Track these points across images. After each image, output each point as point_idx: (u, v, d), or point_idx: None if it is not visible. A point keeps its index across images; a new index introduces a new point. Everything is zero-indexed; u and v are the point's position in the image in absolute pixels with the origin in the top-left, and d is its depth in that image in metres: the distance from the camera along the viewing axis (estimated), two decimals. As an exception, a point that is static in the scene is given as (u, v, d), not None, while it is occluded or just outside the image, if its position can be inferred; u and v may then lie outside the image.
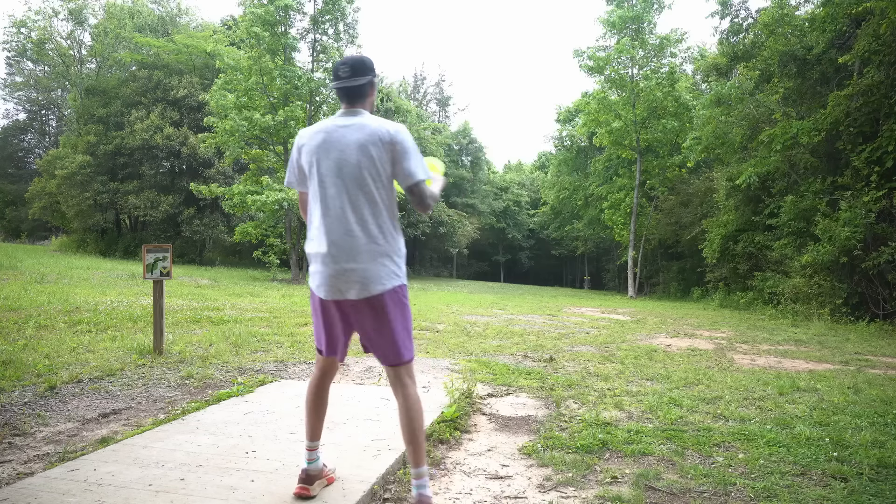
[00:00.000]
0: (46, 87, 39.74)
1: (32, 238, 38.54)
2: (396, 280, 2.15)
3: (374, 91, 2.27)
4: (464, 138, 43.47)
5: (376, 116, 2.21)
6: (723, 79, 19.57)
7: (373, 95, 2.27)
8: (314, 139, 2.20)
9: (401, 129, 2.16)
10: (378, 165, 2.12)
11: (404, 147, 2.12)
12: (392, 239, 2.17)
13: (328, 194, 2.13)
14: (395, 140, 2.11)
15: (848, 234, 11.87)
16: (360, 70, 2.20)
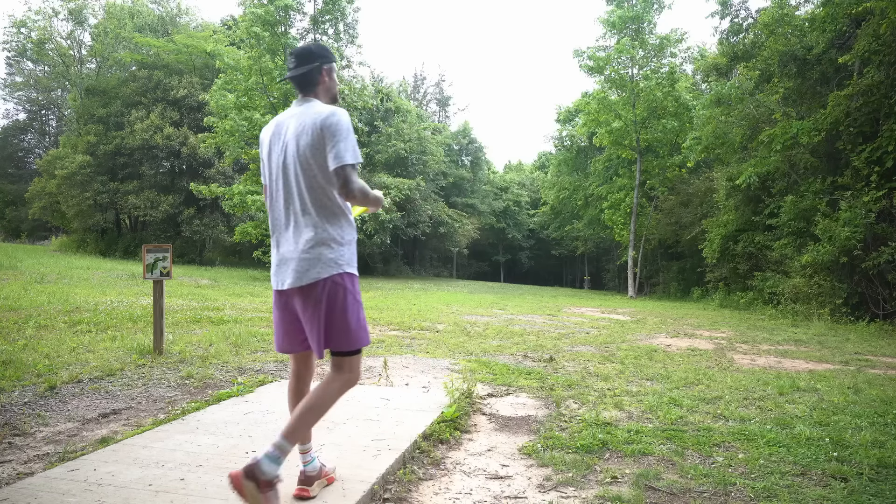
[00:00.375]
0: (46, 87, 39.74)
1: (32, 238, 38.55)
2: (334, 268, 2.10)
3: (326, 77, 2.24)
4: (464, 138, 43.46)
5: (324, 103, 2.19)
6: (723, 79, 19.57)
7: (326, 82, 2.24)
8: (268, 131, 2.25)
9: (334, 112, 2.10)
10: (309, 152, 2.08)
11: (332, 131, 2.06)
12: (330, 226, 2.12)
13: (274, 185, 2.18)
14: (325, 124, 2.07)
15: (848, 234, 11.87)
16: (305, 58, 2.20)
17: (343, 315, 2.11)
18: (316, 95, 2.22)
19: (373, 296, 15.30)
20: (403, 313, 10.27)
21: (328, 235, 2.11)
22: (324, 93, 2.24)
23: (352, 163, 2.05)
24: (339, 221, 2.15)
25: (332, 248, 2.11)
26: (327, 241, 2.10)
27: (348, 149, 2.06)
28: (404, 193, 30.46)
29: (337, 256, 2.12)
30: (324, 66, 2.23)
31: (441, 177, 38.90)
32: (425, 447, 2.99)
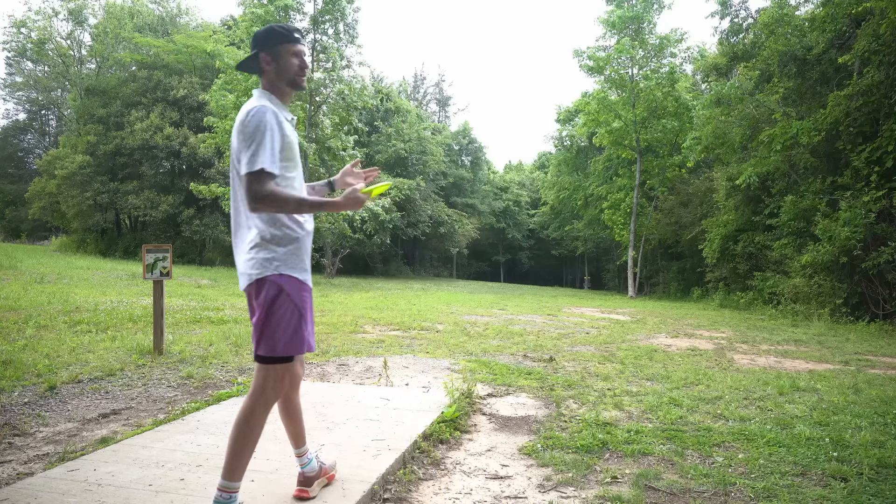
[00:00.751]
0: (46, 87, 39.75)
1: (32, 238, 38.56)
2: (268, 269, 1.99)
3: (266, 65, 2.07)
4: (464, 138, 43.47)
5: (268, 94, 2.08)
6: (723, 79, 19.57)
7: (268, 70, 2.08)
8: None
9: (251, 111, 1.95)
10: (235, 154, 1.99)
11: (245, 132, 1.93)
12: (266, 226, 2.01)
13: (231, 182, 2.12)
14: (241, 124, 1.95)
15: (848, 234, 11.87)
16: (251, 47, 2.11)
17: (270, 318, 1.98)
18: (264, 85, 2.10)
19: (373, 296, 15.31)
20: (403, 313, 10.27)
21: (264, 236, 2.01)
22: (269, 81, 2.09)
23: (250, 169, 1.87)
24: (277, 221, 2.02)
25: (267, 248, 2.00)
26: (263, 243, 2.01)
27: (252, 155, 1.89)
28: (404, 193, 30.47)
29: (272, 257, 2.00)
30: (261, 53, 2.07)
31: (441, 177, 38.91)
32: (425, 447, 2.99)
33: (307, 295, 2.09)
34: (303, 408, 3.50)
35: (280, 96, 2.11)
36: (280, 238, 2.02)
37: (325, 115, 21.90)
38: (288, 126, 2.05)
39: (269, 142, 1.91)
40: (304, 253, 2.10)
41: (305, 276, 2.08)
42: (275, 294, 1.99)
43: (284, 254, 2.02)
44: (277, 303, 1.99)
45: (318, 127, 21.22)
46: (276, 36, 2.07)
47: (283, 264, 2.01)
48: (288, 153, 2.03)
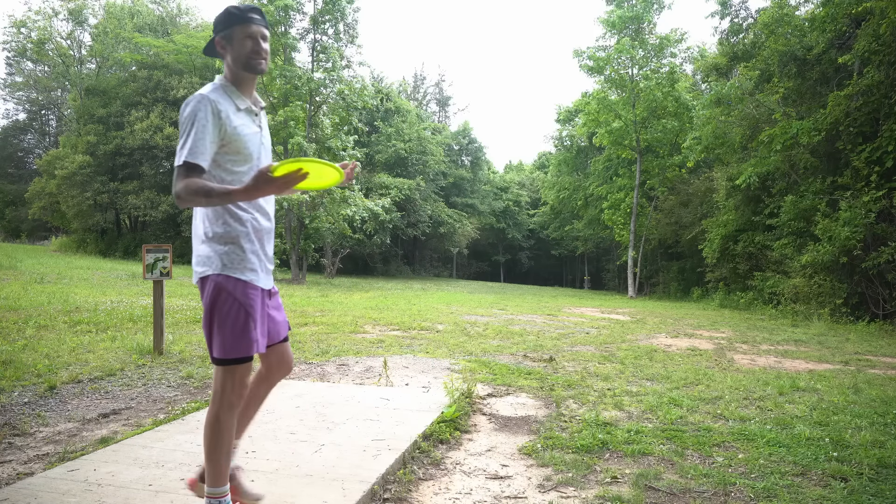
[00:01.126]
0: (46, 87, 39.75)
1: (32, 238, 38.56)
2: (210, 267, 1.93)
3: (222, 48, 1.98)
4: (464, 138, 43.47)
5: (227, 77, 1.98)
6: (723, 79, 19.58)
7: (224, 54, 1.98)
8: None
9: (187, 102, 1.86)
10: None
11: (180, 122, 1.85)
12: (209, 223, 1.94)
13: None
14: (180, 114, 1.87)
15: (848, 234, 11.87)
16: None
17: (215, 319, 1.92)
18: (224, 71, 2.01)
19: (373, 296, 15.30)
20: (403, 313, 10.27)
21: (207, 232, 1.95)
22: (227, 67, 1.99)
23: (175, 165, 1.81)
24: (219, 218, 1.94)
25: (210, 246, 1.94)
26: (206, 239, 1.95)
27: (180, 146, 1.82)
28: (404, 193, 30.46)
29: (213, 255, 1.93)
30: (216, 36, 1.99)
31: (441, 177, 38.90)
32: (425, 447, 2.99)
33: (254, 294, 1.97)
34: (303, 408, 3.52)
35: (238, 83, 1.98)
36: (221, 235, 1.94)
37: (325, 115, 21.90)
38: (239, 116, 1.94)
39: (196, 134, 1.81)
40: (251, 251, 1.98)
41: (251, 275, 1.97)
42: (216, 294, 1.91)
43: (226, 252, 1.93)
44: (219, 303, 1.91)
45: (318, 127, 21.22)
46: (230, 18, 1.96)
47: (226, 263, 1.92)
48: (235, 146, 1.91)
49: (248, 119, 1.99)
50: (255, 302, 1.97)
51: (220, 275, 1.92)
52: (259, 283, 2.00)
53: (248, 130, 1.96)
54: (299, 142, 19.26)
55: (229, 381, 1.93)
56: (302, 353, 5.84)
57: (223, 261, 1.93)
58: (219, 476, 1.95)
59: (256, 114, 2.05)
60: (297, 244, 20.62)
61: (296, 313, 9.37)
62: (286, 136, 20.13)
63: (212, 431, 1.93)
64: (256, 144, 2.02)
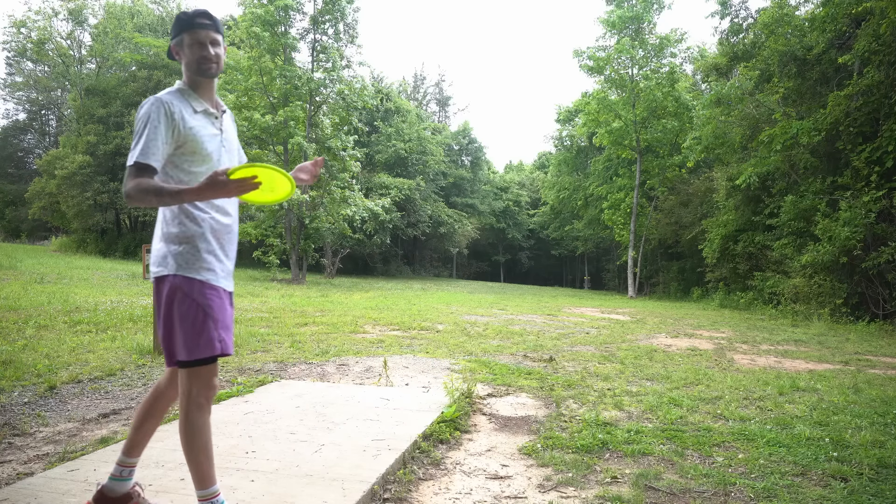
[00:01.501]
0: (46, 87, 39.74)
1: (32, 238, 38.55)
2: (164, 268, 1.93)
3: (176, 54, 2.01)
4: (464, 138, 43.47)
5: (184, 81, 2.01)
6: (723, 79, 19.58)
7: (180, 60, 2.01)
8: None
9: (144, 102, 1.89)
10: None
11: (134, 123, 1.89)
12: (166, 224, 1.95)
13: None
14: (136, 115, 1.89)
15: (848, 234, 11.87)
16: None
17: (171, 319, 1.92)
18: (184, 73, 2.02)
19: (373, 296, 15.31)
20: (403, 313, 10.27)
21: (164, 231, 1.96)
22: (183, 70, 2.02)
23: (127, 166, 1.82)
24: (175, 217, 1.94)
25: (166, 245, 1.94)
26: (163, 238, 1.95)
27: (132, 149, 1.83)
28: (404, 193, 30.46)
29: (168, 255, 1.93)
30: (171, 43, 2.02)
31: (441, 177, 38.91)
32: (425, 447, 2.99)
33: (212, 293, 1.95)
34: (303, 408, 3.52)
35: (195, 87, 2.00)
36: (176, 235, 1.93)
37: (325, 115, 21.90)
38: (195, 118, 1.95)
39: (148, 135, 1.81)
40: (207, 251, 1.96)
41: (210, 275, 1.95)
42: (171, 295, 1.91)
43: (181, 252, 1.92)
44: (176, 304, 1.90)
45: (318, 127, 21.22)
46: (179, 24, 1.98)
47: (183, 264, 1.91)
48: (191, 146, 1.92)
49: (206, 121, 1.99)
50: (214, 301, 1.95)
51: (176, 275, 1.91)
52: (218, 282, 1.98)
53: (205, 132, 1.97)
54: (299, 142, 19.25)
55: (195, 383, 1.92)
56: (302, 353, 5.84)
57: (178, 261, 1.91)
58: (205, 478, 1.95)
59: (217, 117, 2.06)
60: (297, 244, 20.61)
61: (296, 313, 9.37)
62: (286, 136, 20.12)
63: (186, 435, 1.92)
64: (216, 146, 2.02)
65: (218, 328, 1.94)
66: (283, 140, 20.59)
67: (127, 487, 2.09)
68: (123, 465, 2.09)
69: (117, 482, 2.07)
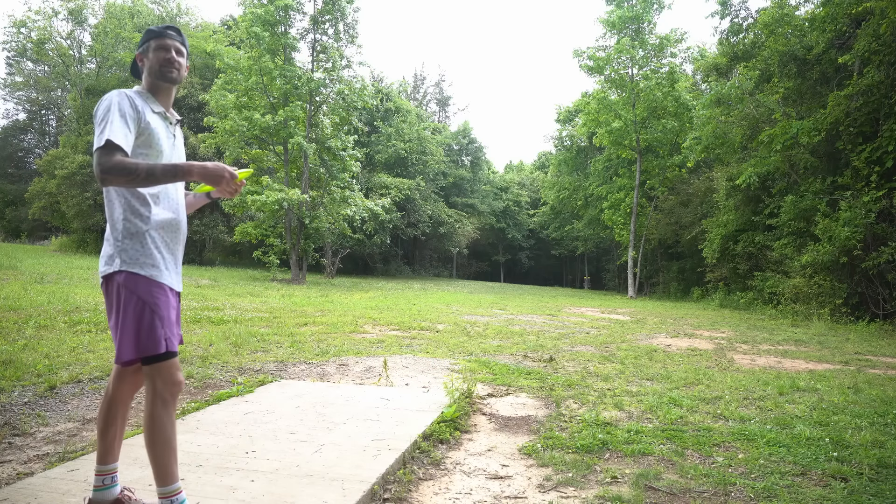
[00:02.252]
0: (46, 87, 39.75)
1: (32, 238, 38.54)
2: (112, 265, 1.94)
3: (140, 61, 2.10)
4: (464, 138, 43.48)
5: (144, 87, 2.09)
6: (723, 79, 19.58)
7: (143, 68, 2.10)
8: None
9: (103, 98, 1.95)
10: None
11: (96, 117, 1.92)
12: (113, 221, 1.97)
13: None
14: (95, 109, 1.95)
15: (848, 234, 11.87)
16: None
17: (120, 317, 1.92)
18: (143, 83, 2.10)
19: (373, 296, 15.30)
20: (403, 313, 10.27)
21: (111, 230, 1.98)
22: (144, 78, 2.10)
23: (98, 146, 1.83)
24: (121, 215, 1.96)
25: (112, 244, 1.96)
26: (110, 237, 1.98)
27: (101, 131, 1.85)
28: (404, 193, 30.46)
29: (114, 253, 1.95)
30: (136, 54, 2.13)
31: (441, 177, 38.91)
32: (425, 447, 2.99)
33: (158, 291, 1.96)
34: (303, 408, 3.52)
35: (154, 92, 2.09)
36: (121, 231, 1.96)
37: (325, 115, 21.89)
38: (153, 116, 2.02)
39: (117, 119, 1.87)
40: (155, 247, 1.98)
41: (154, 271, 1.96)
42: (118, 292, 1.93)
43: (128, 249, 1.94)
44: (123, 301, 1.92)
45: (318, 127, 21.21)
46: (148, 34, 2.10)
47: (127, 261, 1.93)
48: (148, 139, 1.98)
49: (162, 122, 2.07)
50: (160, 298, 1.96)
51: (122, 272, 1.93)
52: (162, 279, 1.99)
53: (161, 131, 2.04)
54: (299, 142, 19.25)
55: (158, 378, 1.94)
56: (302, 353, 5.84)
57: (122, 257, 1.94)
58: (167, 475, 1.96)
59: (171, 123, 2.14)
60: (297, 244, 20.60)
61: (296, 313, 9.37)
62: (286, 136, 20.11)
63: (150, 431, 1.94)
64: (168, 147, 2.08)
65: (164, 325, 1.95)
66: (283, 140, 20.58)
67: (114, 495, 2.08)
68: (102, 473, 2.08)
69: (102, 492, 2.06)
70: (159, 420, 1.94)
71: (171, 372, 1.95)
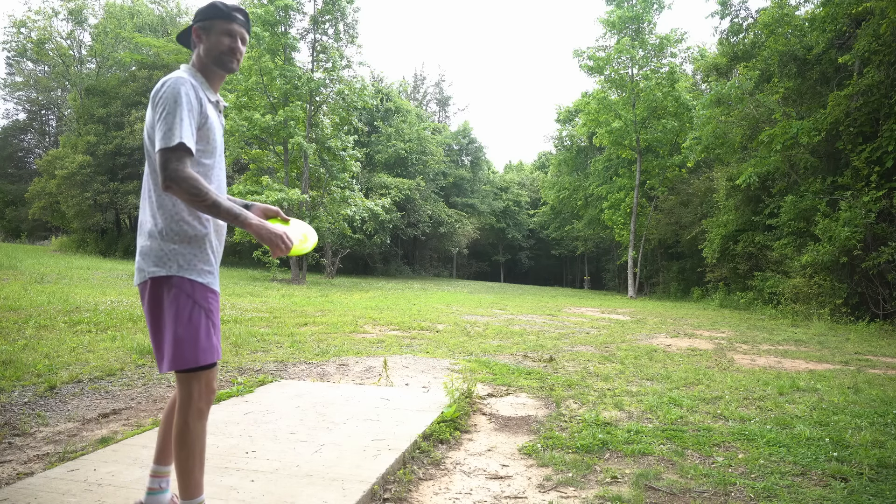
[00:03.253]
0: (46, 87, 39.76)
1: (32, 238, 38.55)
2: (162, 269, 1.80)
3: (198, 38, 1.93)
4: (464, 138, 43.48)
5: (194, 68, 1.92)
6: (723, 79, 19.58)
7: (198, 44, 1.93)
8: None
9: (168, 80, 1.78)
10: (149, 129, 1.81)
11: (159, 104, 1.76)
12: (165, 219, 1.81)
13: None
14: (157, 93, 1.78)
15: (848, 234, 11.87)
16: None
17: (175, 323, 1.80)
18: (193, 61, 1.94)
19: (373, 296, 15.30)
20: (403, 313, 10.27)
21: (165, 229, 1.81)
22: (198, 57, 1.92)
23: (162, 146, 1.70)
24: (183, 214, 1.82)
25: (164, 243, 1.81)
26: (165, 235, 1.81)
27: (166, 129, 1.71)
28: (404, 193, 30.45)
29: (171, 255, 1.81)
30: (194, 25, 1.93)
31: (441, 177, 38.91)
32: (425, 447, 2.99)
33: (212, 297, 1.88)
34: (303, 408, 3.53)
35: (207, 75, 1.93)
36: (178, 233, 1.82)
37: (325, 115, 21.89)
38: (211, 108, 1.88)
39: (186, 115, 1.73)
40: (212, 252, 1.90)
41: (210, 278, 1.87)
42: (174, 297, 1.80)
43: (186, 253, 1.82)
44: (179, 307, 1.79)
45: (318, 127, 21.21)
46: (214, 10, 1.92)
47: (185, 266, 1.81)
48: (207, 136, 1.85)
49: (216, 114, 1.94)
50: (213, 305, 1.89)
51: (180, 277, 1.80)
52: (216, 286, 1.91)
53: (216, 124, 1.92)
54: (299, 142, 19.25)
55: (196, 387, 1.83)
56: (302, 353, 5.83)
57: (180, 262, 1.81)
58: (194, 487, 1.86)
59: (221, 112, 2.02)
60: (297, 244, 20.58)
61: (296, 313, 9.37)
62: (286, 136, 20.12)
63: (182, 442, 1.83)
64: (222, 140, 1.97)
65: (217, 333, 1.89)
66: (283, 140, 20.59)
67: (166, 501, 2.02)
68: (158, 475, 2.00)
69: (155, 496, 1.97)
70: (195, 431, 1.84)
71: (210, 380, 1.86)
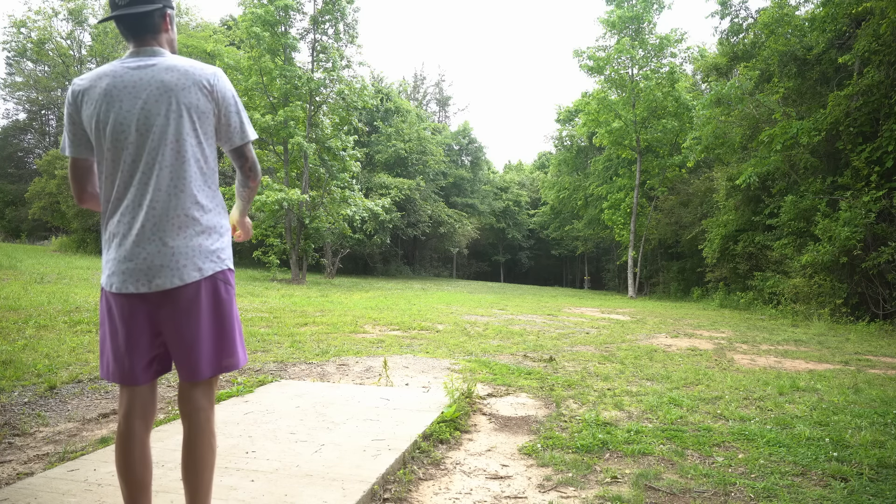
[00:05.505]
0: (46, 87, 39.72)
1: (32, 238, 38.53)
2: (218, 264, 1.69)
3: (168, 26, 1.75)
4: (464, 138, 43.47)
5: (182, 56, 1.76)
6: (723, 79, 19.58)
7: (168, 31, 1.76)
8: (98, 84, 1.66)
9: (219, 73, 1.73)
10: (196, 116, 1.67)
11: (226, 93, 1.71)
12: (216, 211, 1.72)
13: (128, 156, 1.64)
14: (217, 87, 1.70)
15: (848, 234, 11.87)
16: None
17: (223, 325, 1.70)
18: (159, 44, 1.73)
19: (373, 296, 15.30)
20: (403, 313, 10.27)
21: (214, 221, 1.71)
22: (167, 44, 1.76)
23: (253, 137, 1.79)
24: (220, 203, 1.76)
25: (217, 234, 1.71)
26: (210, 230, 1.69)
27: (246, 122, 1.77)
28: (404, 193, 30.45)
29: (225, 246, 1.74)
30: (167, 9, 1.74)
31: (441, 177, 38.90)
32: (425, 447, 2.99)
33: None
34: (303, 408, 3.53)
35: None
36: (223, 225, 1.74)
37: (325, 115, 21.88)
38: None
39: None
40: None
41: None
42: (225, 292, 1.70)
43: (225, 246, 1.76)
44: (227, 303, 1.70)
45: (318, 127, 21.21)
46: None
47: (227, 258, 1.74)
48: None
49: None
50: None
51: (231, 269, 1.75)
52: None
53: None
54: (299, 142, 19.25)
55: (213, 393, 1.75)
56: (302, 353, 5.83)
57: (229, 253, 1.75)
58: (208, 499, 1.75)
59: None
60: (297, 244, 20.60)
61: (296, 313, 9.37)
62: (286, 136, 20.11)
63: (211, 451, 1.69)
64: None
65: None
66: (283, 140, 20.57)
67: None
68: None
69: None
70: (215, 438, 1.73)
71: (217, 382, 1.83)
